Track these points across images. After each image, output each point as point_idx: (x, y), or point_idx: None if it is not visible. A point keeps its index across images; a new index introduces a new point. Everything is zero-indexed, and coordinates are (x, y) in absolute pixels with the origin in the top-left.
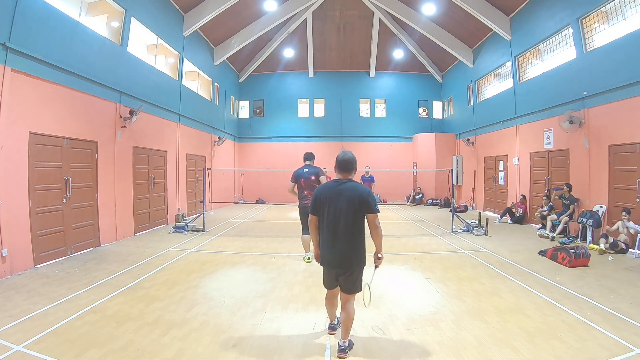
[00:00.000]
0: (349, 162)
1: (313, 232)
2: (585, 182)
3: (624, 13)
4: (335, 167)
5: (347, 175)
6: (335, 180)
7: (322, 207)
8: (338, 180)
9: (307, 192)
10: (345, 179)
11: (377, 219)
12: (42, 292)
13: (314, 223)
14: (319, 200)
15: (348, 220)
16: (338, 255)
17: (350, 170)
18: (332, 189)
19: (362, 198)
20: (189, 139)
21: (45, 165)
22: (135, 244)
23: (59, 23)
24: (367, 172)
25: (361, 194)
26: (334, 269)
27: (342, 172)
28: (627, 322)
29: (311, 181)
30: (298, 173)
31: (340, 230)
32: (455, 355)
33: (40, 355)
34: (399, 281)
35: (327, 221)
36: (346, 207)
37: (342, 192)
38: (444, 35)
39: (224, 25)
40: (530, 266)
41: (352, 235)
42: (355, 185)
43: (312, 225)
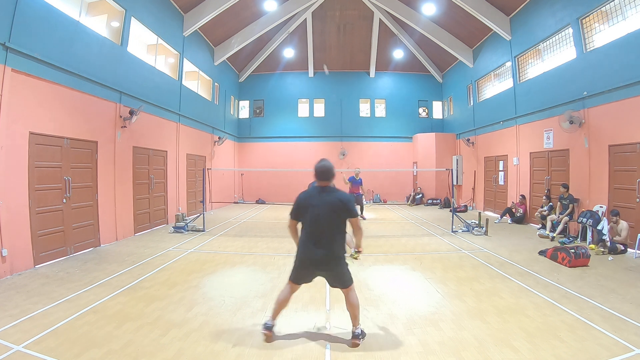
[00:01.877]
0: (328, 171)
1: (293, 235)
2: (585, 182)
3: (624, 13)
4: (314, 175)
5: (327, 182)
6: (316, 187)
7: (304, 213)
8: (319, 187)
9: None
10: (325, 186)
11: (358, 220)
12: (42, 292)
13: (293, 227)
14: (301, 206)
15: (331, 225)
16: (322, 257)
17: (329, 178)
18: (314, 196)
19: (343, 204)
20: (189, 139)
21: (45, 165)
22: (135, 244)
23: (58, 23)
24: (356, 173)
25: (342, 200)
26: (317, 270)
27: (321, 181)
28: (627, 322)
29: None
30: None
31: (324, 234)
32: (455, 355)
33: (40, 355)
34: (399, 281)
35: (310, 226)
36: (329, 212)
37: (323, 198)
38: (444, 35)
39: (224, 25)
40: (530, 266)
41: (334, 238)
42: (337, 192)
43: (292, 229)
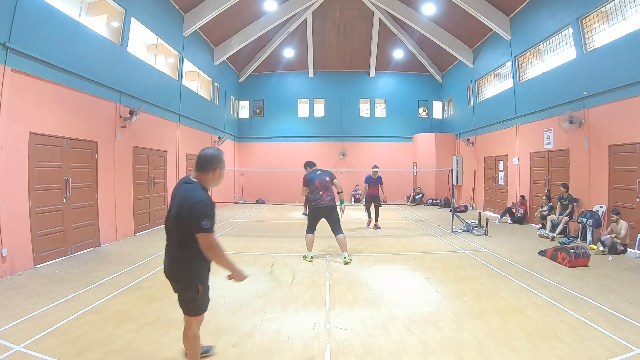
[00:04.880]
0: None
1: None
2: (585, 182)
3: (624, 13)
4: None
5: (201, 174)
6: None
7: (170, 204)
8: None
9: (322, 192)
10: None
11: (208, 238)
12: (42, 292)
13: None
14: (172, 195)
15: (173, 232)
16: (166, 266)
17: (202, 170)
18: (177, 187)
19: (184, 207)
20: (189, 139)
21: (45, 165)
22: (135, 244)
23: (59, 23)
24: (374, 172)
25: (185, 203)
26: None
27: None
28: (627, 322)
29: (326, 182)
30: (310, 176)
31: (170, 239)
32: (455, 355)
33: (40, 355)
34: (399, 281)
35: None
36: (174, 215)
37: (177, 193)
38: (444, 35)
39: (224, 25)
40: (530, 266)
41: (175, 247)
42: (187, 189)
43: (305, 192)
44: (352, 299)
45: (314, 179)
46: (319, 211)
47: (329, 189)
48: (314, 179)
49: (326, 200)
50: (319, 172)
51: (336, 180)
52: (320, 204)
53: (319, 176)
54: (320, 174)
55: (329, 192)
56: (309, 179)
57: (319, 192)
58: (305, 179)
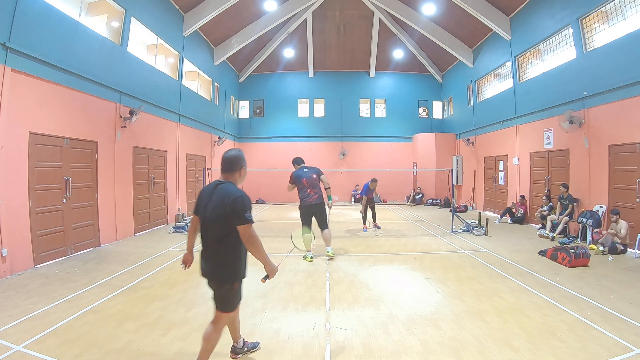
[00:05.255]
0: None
1: (190, 232)
2: (585, 182)
3: (624, 13)
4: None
5: (228, 175)
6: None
7: (199, 209)
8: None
9: (309, 190)
10: (222, 181)
11: (250, 229)
12: (42, 292)
13: (193, 223)
14: (198, 200)
15: (214, 229)
16: (206, 266)
17: (229, 170)
18: (208, 190)
19: (227, 204)
20: (189, 139)
21: (45, 165)
22: (135, 244)
23: (59, 23)
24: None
25: (227, 200)
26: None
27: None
28: (627, 322)
29: (313, 179)
30: (298, 174)
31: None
32: (455, 355)
33: (40, 355)
34: (398, 281)
35: (201, 226)
36: (213, 211)
37: (307, 172)
38: (444, 35)
39: (224, 25)
40: (530, 266)
41: (214, 245)
42: (224, 188)
43: (191, 225)
44: (352, 299)
45: (302, 177)
46: (308, 209)
47: (317, 187)
48: (302, 177)
49: (314, 197)
50: (306, 169)
51: (323, 177)
52: (308, 202)
53: (306, 174)
54: (307, 172)
55: (316, 190)
56: (296, 176)
57: (306, 190)
58: (293, 176)
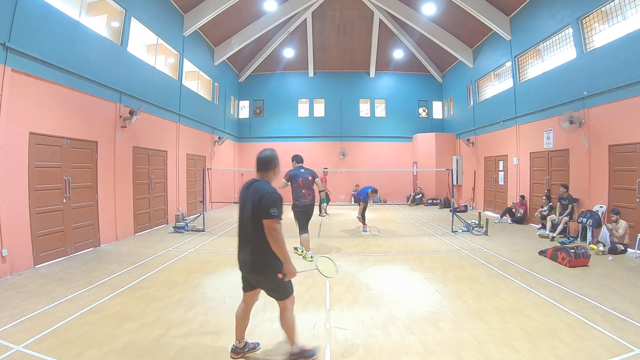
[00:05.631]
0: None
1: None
2: (585, 182)
3: (624, 13)
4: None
5: (263, 174)
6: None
7: (240, 207)
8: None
9: (304, 190)
10: (302, 166)
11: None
12: (42, 292)
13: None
14: (239, 199)
15: (250, 225)
16: (245, 260)
17: (264, 169)
18: (244, 189)
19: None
20: (189, 139)
21: (45, 165)
22: (135, 244)
23: (59, 23)
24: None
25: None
26: (246, 273)
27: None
28: (627, 322)
29: (309, 181)
30: (294, 173)
31: (246, 233)
32: (455, 355)
33: (40, 355)
34: (399, 281)
35: (238, 222)
36: (248, 208)
37: (303, 173)
38: (444, 35)
39: (224, 25)
40: (530, 266)
41: (253, 241)
42: (259, 186)
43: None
44: (352, 299)
45: (298, 177)
46: (304, 208)
47: (311, 188)
48: (298, 177)
49: (308, 198)
50: (302, 170)
51: (317, 180)
52: (303, 202)
53: (303, 174)
54: (304, 172)
55: (310, 191)
56: (293, 175)
57: (301, 190)
58: (289, 174)
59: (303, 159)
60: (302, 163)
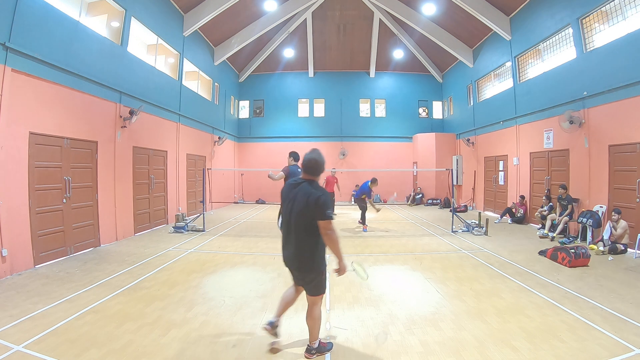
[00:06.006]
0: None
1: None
2: (585, 182)
3: (624, 13)
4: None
5: (311, 176)
6: (297, 179)
7: (283, 205)
8: (299, 180)
9: None
10: (303, 180)
11: (330, 224)
12: (42, 292)
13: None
14: (282, 198)
15: (299, 224)
16: (290, 256)
17: (312, 172)
18: (291, 188)
19: (311, 201)
20: (189, 139)
21: (45, 165)
22: (135, 244)
23: (59, 23)
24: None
25: (312, 197)
26: (290, 268)
27: (304, 172)
28: (627, 322)
29: None
30: (294, 171)
31: (292, 231)
32: (455, 355)
33: (40, 355)
34: (399, 281)
35: (283, 221)
36: (297, 208)
37: (297, 193)
38: (444, 35)
39: (224, 25)
40: (530, 266)
41: (302, 239)
42: (308, 188)
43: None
44: (352, 299)
45: (295, 176)
46: None
47: None
48: (295, 176)
49: None
50: (299, 169)
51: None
52: None
53: (300, 174)
54: (300, 172)
55: None
56: (292, 172)
57: None
58: (289, 171)
59: (299, 156)
60: (298, 161)
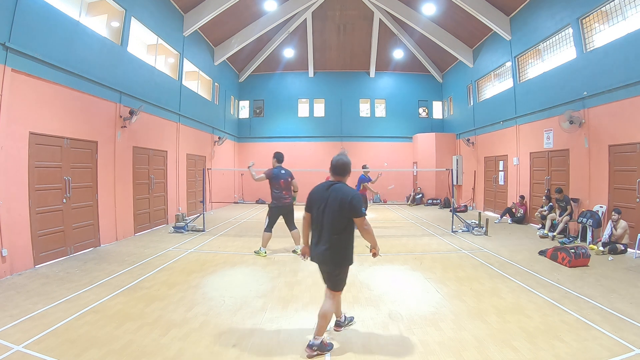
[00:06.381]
0: (340, 166)
1: (305, 228)
2: (585, 182)
3: (624, 13)
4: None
5: (340, 178)
6: (328, 182)
7: (313, 206)
8: (329, 182)
9: (285, 192)
10: (334, 182)
11: (365, 220)
12: (42, 292)
13: (307, 220)
14: (311, 199)
15: (333, 223)
16: (321, 253)
17: (341, 173)
18: (322, 191)
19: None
20: (189, 139)
21: (45, 165)
22: (135, 244)
23: (59, 23)
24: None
25: (346, 198)
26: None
27: (334, 175)
28: (627, 322)
29: (288, 182)
30: (277, 173)
31: (325, 230)
32: (455, 355)
33: (40, 355)
34: (399, 281)
35: (314, 220)
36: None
37: (330, 194)
38: (444, 35)
39: (224, 25)
40: (530, 266)
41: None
42: (341, 189)
43: (305, 222)
44: (352, 299)
45: (280, 178)
46: (282, 209)
47: (289, 189)
48: (280, 178)
49: (288, 199)
50: (283, 171)
51: (294, 181)
52: (283, 202)
53: (284, 176)
54: (284, 174)
55: (289, 192)
56: (276, 175)
57: (282, 191)
58: (272, 174)
59: (284, 157)
60: (282, 162)
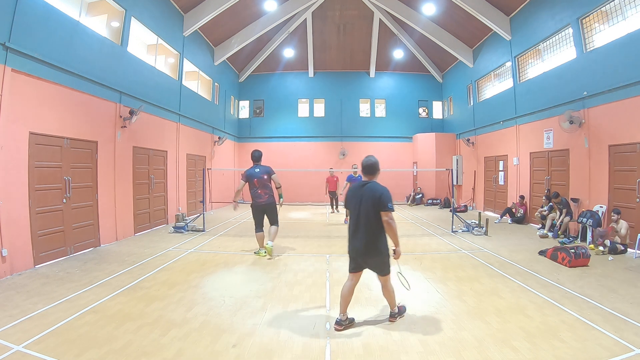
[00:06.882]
0: (370, 166)
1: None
2: (585, 182)
3: (624, 13)
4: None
5: (371, 176)
6: (361, 181)
7: (350, 204)
8: (363, 181)
9: (260, 190)
10: (367, 181)
11: (390, 214)
12: (42, 292)
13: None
14: (348, 197)
15: (369, 217)
16: (359, 246)
17: (371, 173)
18: (357, 189)
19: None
20: (189, 139)
21: (45, 165)
22: (135, 244)
23: (59, 23)
24: (354, 171)
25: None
26: (357, 257)
27: (365, 175)
28: (627, 322)
29: (264, 180)
30: (250, 173)
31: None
32: (455, 355)
33: (40, 355)
34: (399, 281)
35: (352, 216)
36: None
37: (364, 192)
38: (444, 35)
39: (224, 25)
40: (530, 266)
41: (373, 228)
42: (373, 186)
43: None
44: (352, 299)
45: (253, 177)
46: (258, 208)
47: (267, 187)
48: (253, 177)
49: (264, 198)
50: (257, 169)
51: (274, 176)
52: (258, 202)
53: (257, 174)
54: (258, 172)
55: (266, 190)
56: (249, 175)
57: (257, 190)
58: (245, 174)
59: (261, 156)
60: (259, 161)
